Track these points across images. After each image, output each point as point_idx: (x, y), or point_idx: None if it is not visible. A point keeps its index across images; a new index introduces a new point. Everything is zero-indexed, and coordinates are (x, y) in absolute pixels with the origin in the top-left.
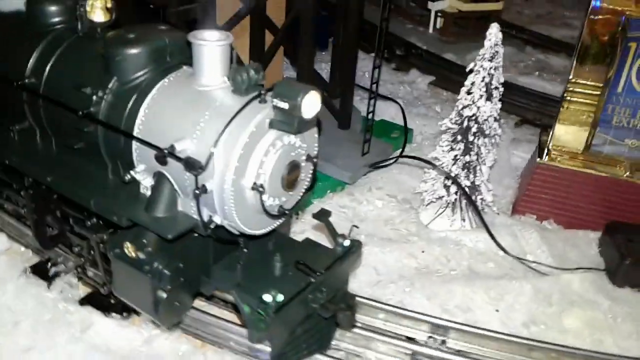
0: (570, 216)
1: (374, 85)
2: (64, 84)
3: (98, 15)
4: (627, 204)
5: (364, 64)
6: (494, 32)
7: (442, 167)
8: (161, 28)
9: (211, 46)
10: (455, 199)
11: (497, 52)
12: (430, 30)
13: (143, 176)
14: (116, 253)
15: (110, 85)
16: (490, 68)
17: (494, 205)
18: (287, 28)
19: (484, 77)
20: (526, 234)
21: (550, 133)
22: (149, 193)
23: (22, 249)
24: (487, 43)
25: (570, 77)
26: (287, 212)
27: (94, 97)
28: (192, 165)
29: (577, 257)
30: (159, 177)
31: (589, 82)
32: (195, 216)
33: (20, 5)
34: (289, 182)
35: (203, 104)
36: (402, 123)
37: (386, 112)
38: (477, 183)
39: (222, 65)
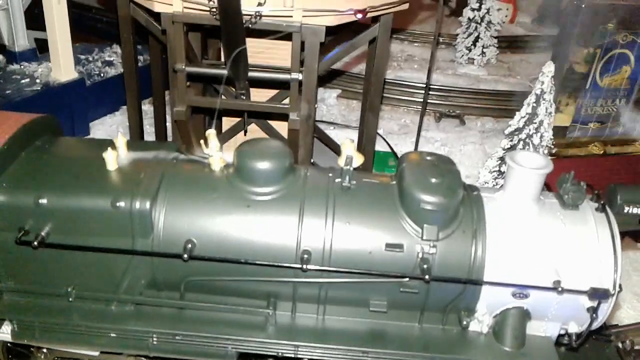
0: None
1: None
2: None
3: None
4: None
5: None
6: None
7: None
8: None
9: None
10: None
11: None
12: None
13: (485, 317)
14: None
15: None
16: None
17: None
18: None
19: None
20: None
21: None
22: (484, 331)
23: None
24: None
25: None
26: None
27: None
28: (604, 294)
29: None
30: (505, 313)
31: None
32: (546, 333)
33: None
34: None
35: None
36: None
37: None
38: None
39: None
